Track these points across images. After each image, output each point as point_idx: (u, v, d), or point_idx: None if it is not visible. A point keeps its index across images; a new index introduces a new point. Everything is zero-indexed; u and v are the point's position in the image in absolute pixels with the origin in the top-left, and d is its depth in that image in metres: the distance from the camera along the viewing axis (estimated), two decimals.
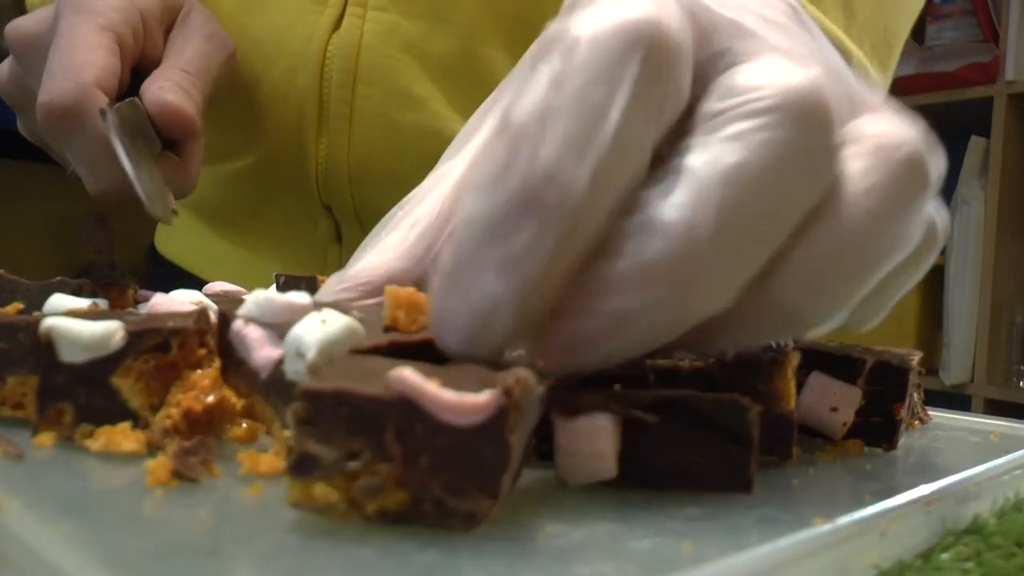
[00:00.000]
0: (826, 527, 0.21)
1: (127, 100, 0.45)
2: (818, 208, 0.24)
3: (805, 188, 0.24)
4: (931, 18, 1.93)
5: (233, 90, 0.58)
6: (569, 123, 0.22)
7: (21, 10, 0.56)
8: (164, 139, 0.48)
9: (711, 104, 0.24)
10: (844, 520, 0.22)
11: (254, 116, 0.60)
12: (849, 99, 0.27)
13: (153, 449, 0.25)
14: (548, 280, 0.22)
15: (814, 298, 0.25)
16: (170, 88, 0.47)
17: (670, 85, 0.23)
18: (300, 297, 0.25)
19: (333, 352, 0.23)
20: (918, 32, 1.89)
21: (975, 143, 1.83)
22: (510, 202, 0.21)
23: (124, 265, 2.03)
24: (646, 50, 0.23)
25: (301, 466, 0.20)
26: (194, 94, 0.48)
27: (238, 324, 0.26)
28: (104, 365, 0.25)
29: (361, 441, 0.20)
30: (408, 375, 0.19)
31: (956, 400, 1.78)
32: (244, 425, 0.27)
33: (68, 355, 0.25)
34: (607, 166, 0.22)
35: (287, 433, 0.24)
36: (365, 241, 0.33)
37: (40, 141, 0.56)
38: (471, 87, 0.58)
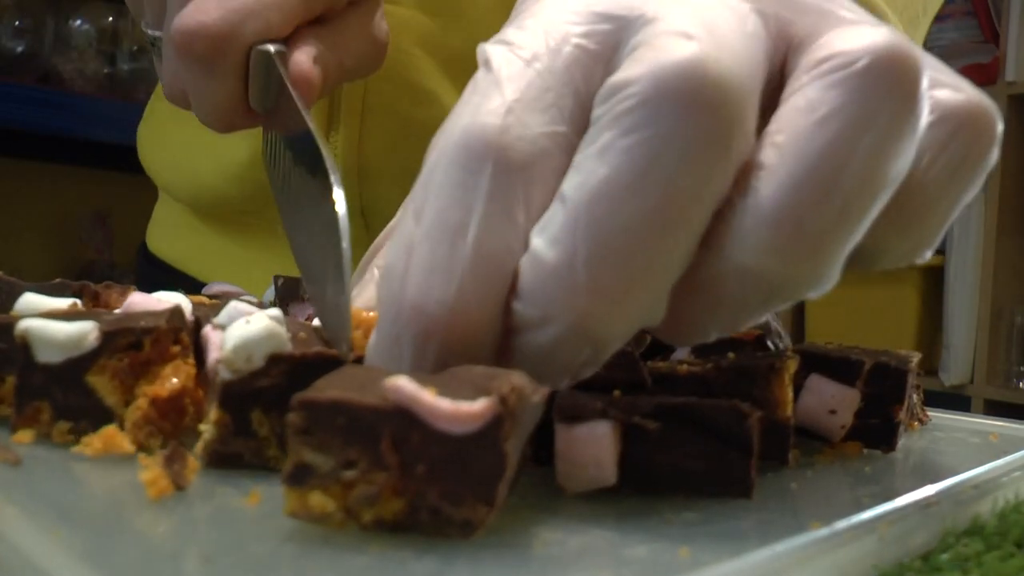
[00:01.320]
0: (824, 531, 0.21)
1: (280, 50, 0.39)
2: (757, 160, 0.22)
3: (700, 175, 0.21)
4: None
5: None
6: (428, 251, 0.23)
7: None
8: None
9: (593, 112, 0.23)
10: (842, 524, 0.22)
11: None
12: (806, 25, 0.24)
13: (140, 447, 0.26)
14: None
15: (792, 257, 0.22)
16: (318, 69, 0.39)
17: (533, 185, 0.23)
18: (273, 311, 0.26)
19: (251, 351, 0.24)
20: None
21: None
22: (390, 336, 0.23)
23: (124, 264, 2.02)
24: (495, 163, 0.23)
25: (297, 475, 0.20)
26: (328, 85, 0.42)
27: (206, 330, 0.27)
28: (79, 364, 0.26)
29: (357, 450, 0.20)
30: (404, 384, 0.19)
31: (955, 401, 1.77)
32: None
33: (44, 355, 0.26)
34: (475, 278, 0.22)
35: (203, 427, 0.25)
36: (357, 273, 0.33)
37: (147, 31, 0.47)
38: None
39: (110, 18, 1.83)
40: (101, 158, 1.88)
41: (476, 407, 0.19)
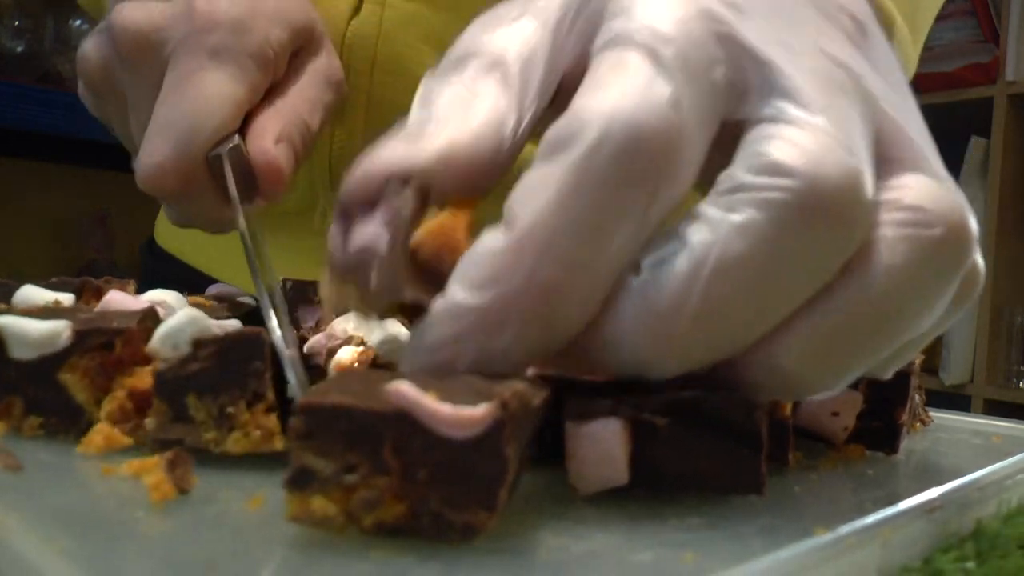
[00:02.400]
0: (828, 537, 0.21)
1: (233, 145, 0.40)
2: (831, 280, 0.23)
3: (809, 280, 0.23)
4: None
5: None
6: (574, 243, 0.22)
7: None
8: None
9: (734, 171, 0.23)
10: (846, 529, 0.22)
11: None
12: (895, 149, 0.25)
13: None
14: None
15: (819, 370, 0.24)
16: (283, 148, 0.41)
17: (673, 193, 0.23)
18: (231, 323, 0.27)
19: (175, 338, 0.25)
20: None
21: (975, 143, 1.83)
22: (500, 305, 0.22)
23: (124, 264, 2.03)
24: (660, 171, 0.22)
25: (299, 480, 0.20)
26: (301, 153, 0.43)
27: None
28: (52, 361, 0.27)
29: (359, 455, 0.19)
30: (405, 389, 0.19)
31: (955, 400, 1.77)
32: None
33: (18, 352, 0.27)
34: (598, 283, 0.22)
35: (148, 421, 0.26)
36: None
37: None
38: None
39: None
40: (101, 158, 1.87)
41: (478, 412, 0.19)
